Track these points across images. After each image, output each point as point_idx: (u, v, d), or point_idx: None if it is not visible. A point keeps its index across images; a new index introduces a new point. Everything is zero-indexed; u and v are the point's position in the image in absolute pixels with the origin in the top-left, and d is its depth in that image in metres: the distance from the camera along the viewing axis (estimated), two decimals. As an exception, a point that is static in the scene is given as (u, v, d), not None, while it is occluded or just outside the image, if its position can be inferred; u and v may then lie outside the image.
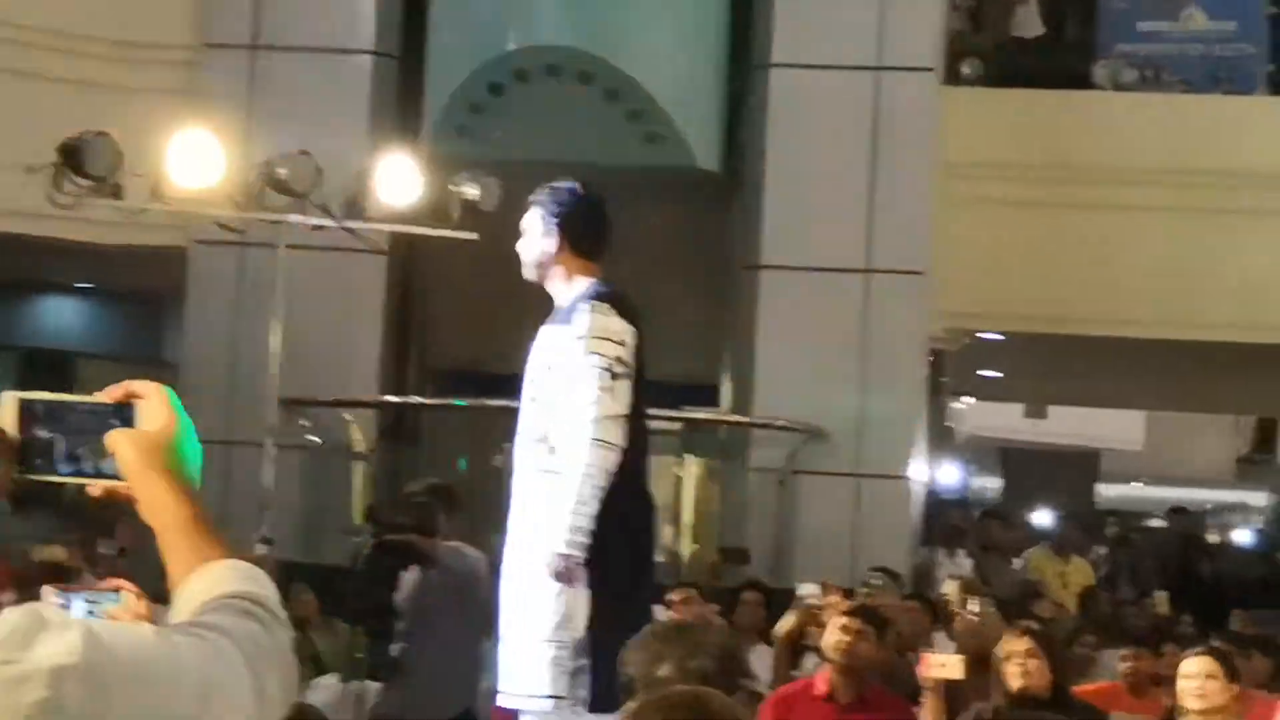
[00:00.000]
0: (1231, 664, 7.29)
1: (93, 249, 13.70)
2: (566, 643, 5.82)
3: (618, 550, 5.88)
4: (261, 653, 2.10)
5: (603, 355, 5.92)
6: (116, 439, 2.29)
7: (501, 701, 6.15)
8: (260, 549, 10.16)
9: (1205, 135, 14.53)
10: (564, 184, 6.34)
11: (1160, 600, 13.14)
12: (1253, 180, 14.31)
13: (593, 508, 5.82)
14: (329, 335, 12.55)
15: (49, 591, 2.97)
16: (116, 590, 2.84)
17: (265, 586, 2.21)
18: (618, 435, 5.86)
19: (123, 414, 2.32)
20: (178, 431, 2.30)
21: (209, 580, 2.19)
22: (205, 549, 2.23)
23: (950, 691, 7.43)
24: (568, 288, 6.21)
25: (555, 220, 6.22)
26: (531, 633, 5.90)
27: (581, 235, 6.22)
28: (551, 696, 5.84)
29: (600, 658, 5.68)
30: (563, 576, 5.82)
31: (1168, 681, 8.48)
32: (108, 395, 2.35)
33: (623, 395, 5.88)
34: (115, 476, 2.30)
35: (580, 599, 5.83)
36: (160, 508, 2.26)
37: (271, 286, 11.28)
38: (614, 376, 5.89)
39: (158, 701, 1.97)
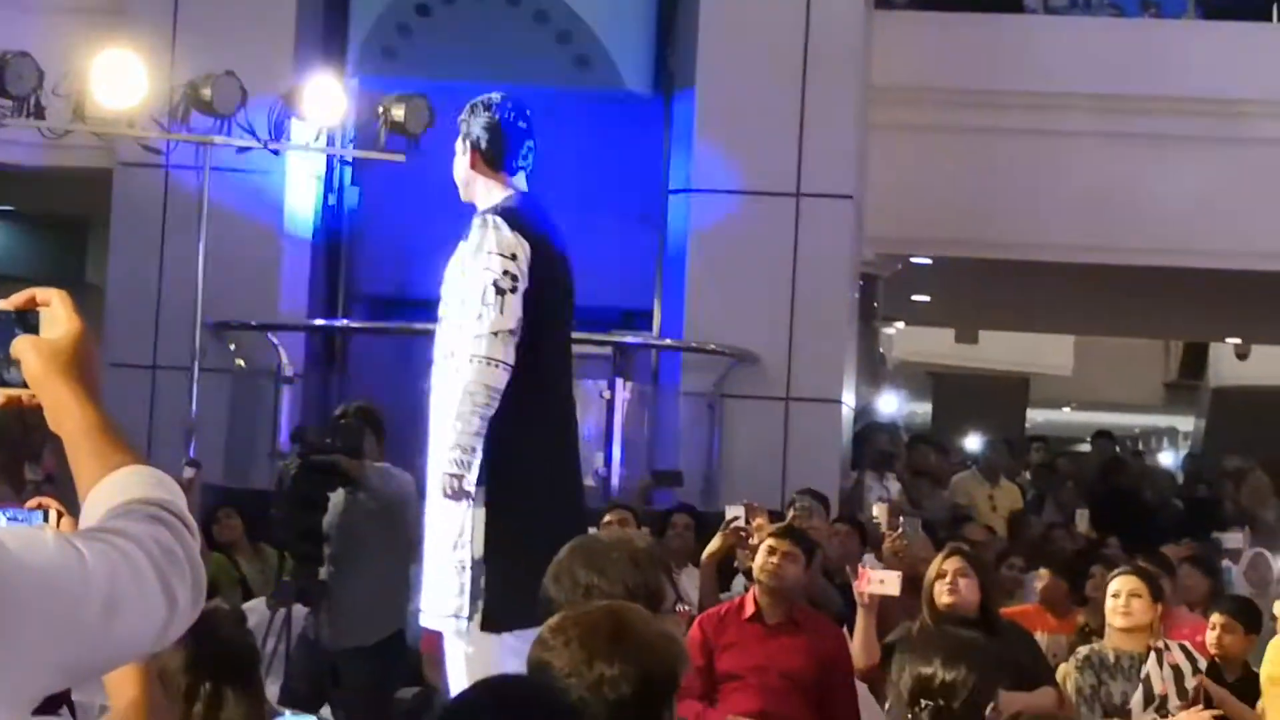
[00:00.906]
0: (1156, 583, 7.37)
1: (14, 171, 13.53)
2: (465, 561, 5.75)
3: (519, 469, 5.76)
4: (170, 559, 2.06)
5: (490, 270, 5.79)
6: (21, 346, 2.25)
7: (421, 620, 6.11)
8: (188, 471, 10.09)
9: (1135, 60, 14.54)
10: (480, 99, 6.20)
11: (1081, 518, 13.23)
12: (1182, 105, 14.34)
13: (475, 425, 5.70)
14: (256, 258, 12.45)
15: None
16: (42, 508, 2.79)
17: (174, 493, 2.17)
18: (502, 351, 5.71)
19: (26, 321, 2.27)
20: (83, 337, 2.25)
21: (116, 486, 2.15)
22: (113, 456, 2.19)
23: (881, 611, 7.47)
24: (488, 203, 6.13)
25: (468, 137, 6.13)
26: (435, 551, 5.85)
27: (493, 149, 6.08)
28: (454, 615, 5.80)
29: (492, 576, 5.64)
30: (451, 495, 5.77)
31: (1092, 602, 8.57)
32: (10, 303, 2.30)
33: (510, 310, 5.72)
34: (20, 384, 2.25)
35: (479, 517, 5.76)
36: (66, 415, 2.21)
37: (197, 209, 11.17)
38: (500, 291, 5.75)
39: (64, 608, 1.93)
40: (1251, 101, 14.41)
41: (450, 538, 5.80)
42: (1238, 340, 25.83)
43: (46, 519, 2.70)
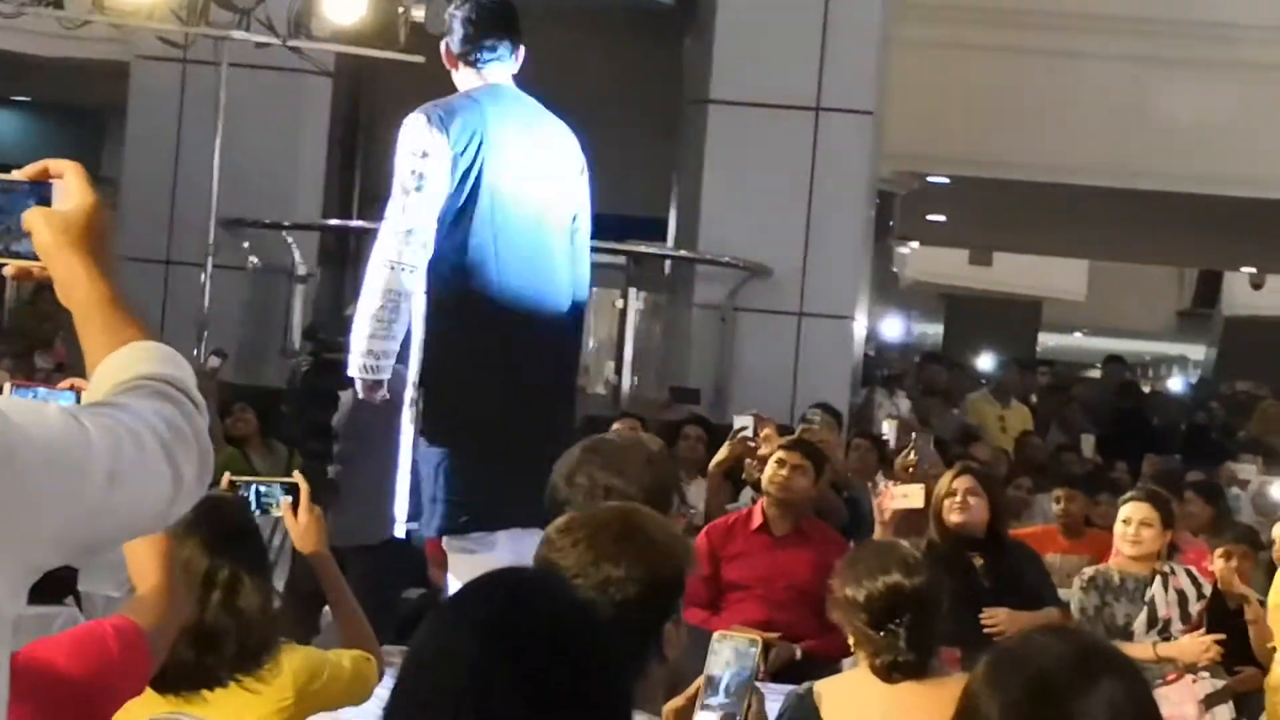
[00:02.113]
0: (1169, 510, 7.32)
1: (32, 61, 13.48)
2: (408, 468, 5.71)
3: (448, 379, 5.65)
4: (177, 436, 2.03)
5: (400, 169, 5.68)
6: (32, 217, 2.22)
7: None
8: (214, 360, 10.10)
9: (1161, -17, 14.45)
10: None
11: (1086, 443, 13.24)
12: (1205, 30, 14.25)
13: (370, 327, 5.59)
14: (272, 156, 12.40)
15: (8, 387, 2.92)
16: (74, 389, 2.77)
17: (183, 370, 2.14)
18: (399, 252, 5.54)
19: (39, 192, 2.24)
20: (96, 210, 2.22)
21: (125, 361, 2.12)
22: (123, 330, 2.16)
23: (899, 527, 7.40)
24: None
25: (445, 33, 5.96)
26: (400, 459, 5.80)
27: (465, 44, 5.88)
28: (406, 521, 5.78)
29: (436, 483, 5.59)
30: (365, 396, 5.73)
31: (1102, 524, 8.56)
32: (23, 174, 2.27)
33: (414, 211, 5.55)
34: (31, 256, 2.23)
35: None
36: (76, 287, 2.18)
37: (214, 105, 11.12)
38: (405, 191, 5.63)
39: (66, 480, 1.91)
40: (1271, 28, 14.31)
41: (408, 444, 5.76)
42: (1252, 269, 25.76)
43: (78, 401, 2.68)
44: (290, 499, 4.21)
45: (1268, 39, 14.37)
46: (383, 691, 4.00)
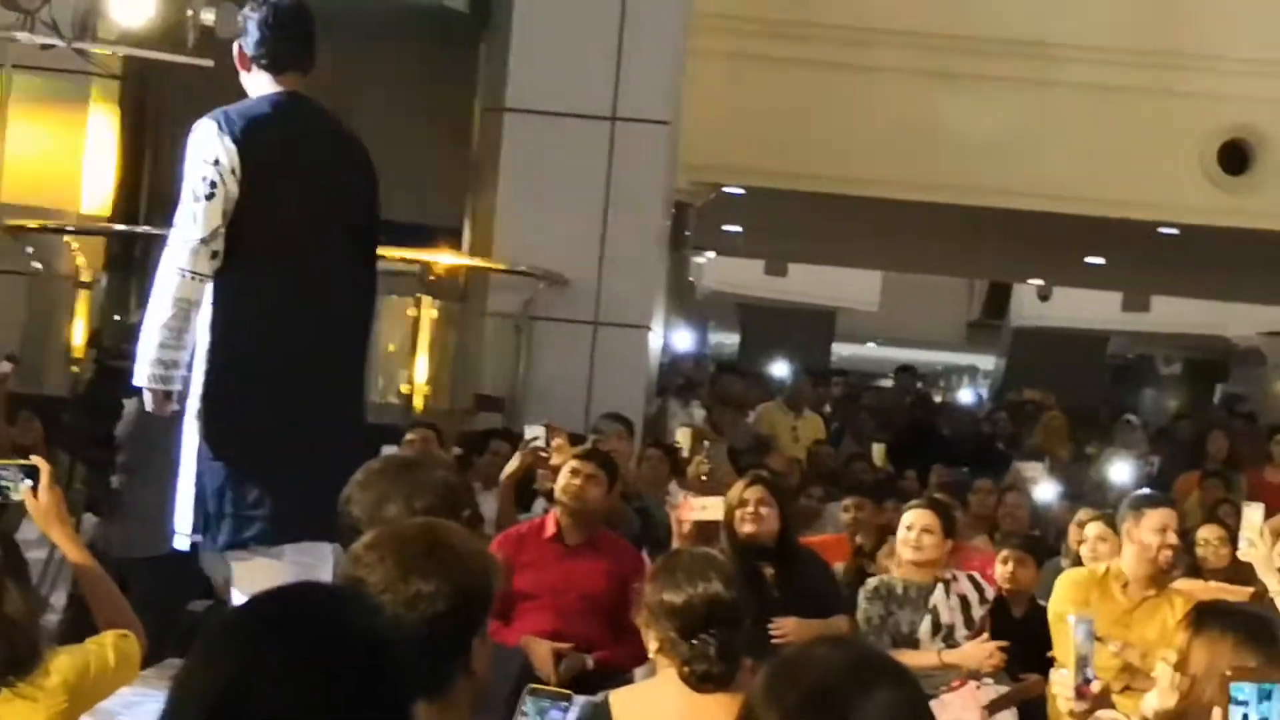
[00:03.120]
0: (950, 517, 7.42)
1: None
2: (190, 480, 5.62)
3: (232, 391, 5.58)
4: None
5: (190, 176, 5.61)
6: None
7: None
8: (4, 366, 9.87)
9: (948, -1, 14.69)
10: None
11: (878, 453, 13.41)
12: (994, 45, 14.49)
13: (159, 337, 5.49)
14: (57, 159, 12.16)
15: None
16: None
17: None
18: (192, 261, 5.44)
19: None
20: None
21: None
22: None
23: (696, 538, 7.41)
24: None
25: (237, 36, 5.87)
26: (182, 470, 5.70)
27: (258, 48, 5.79)
28: (187, 534, 5.68)
29: (223, 496, 5.52)
30: (155, 408, 5.62)
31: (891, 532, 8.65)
32: None
33: (204, 219, 5.44)
34: None
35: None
36: None
37: (-4, 107, 10.89)
38: (195, 199, 5.57)
39: None
40: (1060, 45, 14.61)
41: (187, 454, 5.66)
42: (1040, 281, 26.28)
43: None
44: (30, 482, 4.11)
45: (1055, 55, 14.65)
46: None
